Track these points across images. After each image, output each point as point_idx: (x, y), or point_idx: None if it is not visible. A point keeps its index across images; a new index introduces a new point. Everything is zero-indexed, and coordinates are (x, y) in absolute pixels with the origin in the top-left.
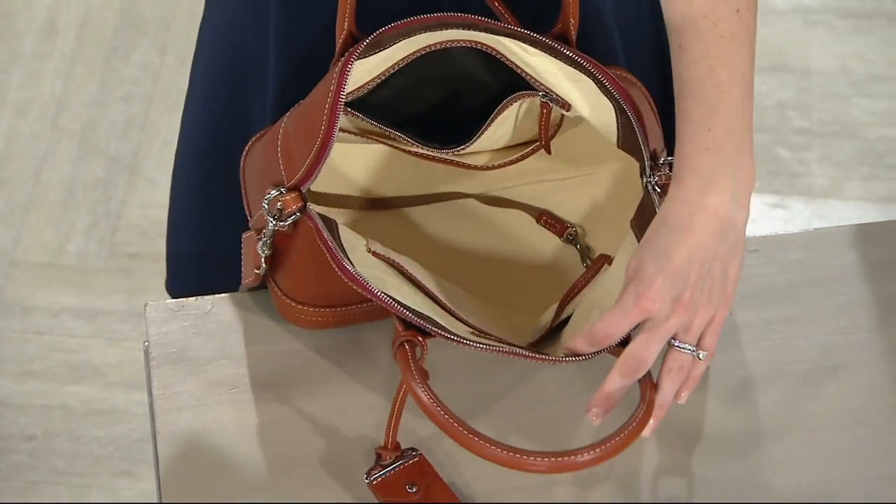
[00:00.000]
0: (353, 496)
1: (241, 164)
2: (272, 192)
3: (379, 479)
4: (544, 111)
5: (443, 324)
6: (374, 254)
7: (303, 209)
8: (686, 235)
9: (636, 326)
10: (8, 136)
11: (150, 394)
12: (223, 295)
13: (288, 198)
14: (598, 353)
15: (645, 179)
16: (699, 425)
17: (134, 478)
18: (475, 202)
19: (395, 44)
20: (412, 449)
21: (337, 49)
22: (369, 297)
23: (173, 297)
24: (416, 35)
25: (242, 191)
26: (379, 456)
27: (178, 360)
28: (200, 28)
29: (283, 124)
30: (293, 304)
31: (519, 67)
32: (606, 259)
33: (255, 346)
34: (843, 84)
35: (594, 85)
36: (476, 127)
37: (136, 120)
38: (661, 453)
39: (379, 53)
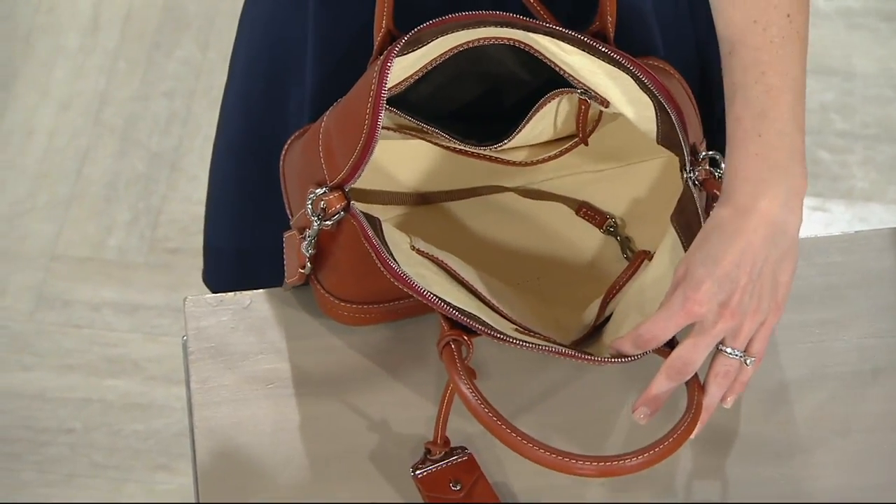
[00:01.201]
0: (390, 494)
1: (281, 162)
2: (316, 191)
3: (425, 474)
4: (582, 107)
5: (488, 322)
6: (419, 251)
7: (347, 208)
8: (736, 240)
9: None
10: (51, 130)
11: (188, 388)
12: (262, 290)
13: (331, 197)
14: (643, 354)
15: (685, 174)
16: (736, 427)
17: (171, 472)
18: (514, 195)
19: (433, 41)
20: (462, 447)
21: (375, 47)
22: (415, 295)
23: (210, 289)
24: (453, 32)
25: (283, 189)
26: (428, 451)
27: (216, 354)
28: (240, 22)
29: (323, 123)
30: (337, 301)
31: (556, 65)
32: (647, 255)
33: (294, 342)
34: (886, 87)
35: (633, 81)
36: (514, 124)
37: (178, 116)
38: (697, 454)
39: (417, 50)
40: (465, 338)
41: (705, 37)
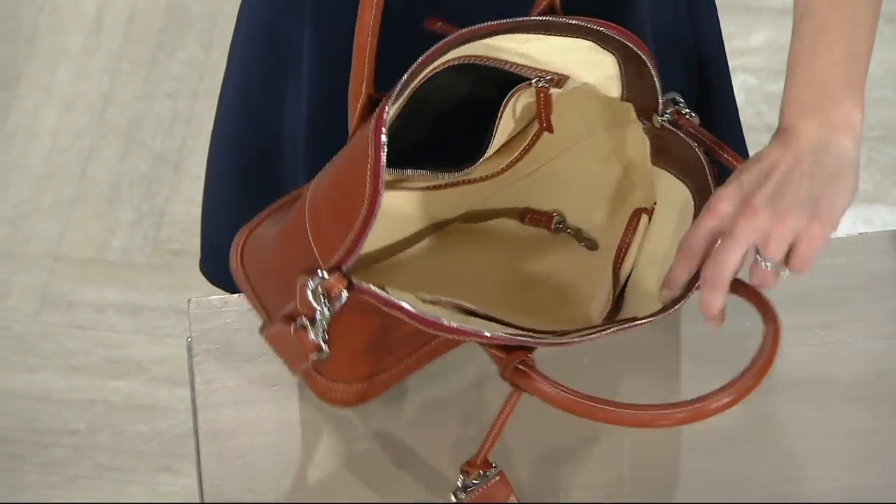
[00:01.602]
0: (393, 495)
1: (237, 263)
2: (317, 276)
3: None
4: (542, 96)
5: (531, 335)
6: (429, 302)
7: (349, 287)
8: (771, 150)
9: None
10: (54, 131)
11: (192, 389)
12: None
13: (331, 280)
14: (692, 287)
15: (660, 118)
16: (737, 428)
17: (175, 473)
18: (458, 225)
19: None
20: (492, 465)
21: (355, 113)
22: (465, 337)
23: (206, 277)
24: (422, 72)
25: (246, 289)
26: (466, 473)
27: (220, 356)
28: (238, 14)
29: (307, 209)
30: (341, 385)
31: (509, 63)
32: (643, 211)
33: None
34: (889, 89)
35: (590, 46)
36: (480, 140)
37: (182, 116)
38: (698, 456)
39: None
40: (529, 355)
41: (703, 39)
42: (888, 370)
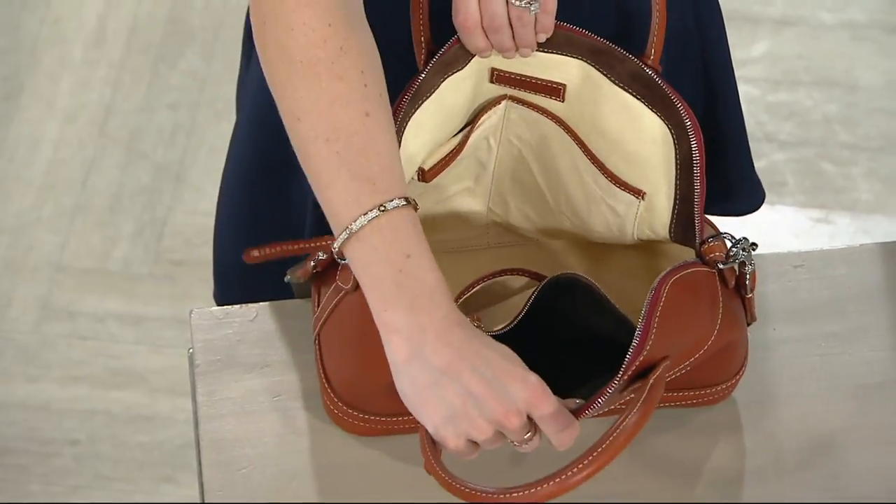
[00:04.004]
0: None
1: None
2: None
3: None
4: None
5: None
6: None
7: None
8: None
9: None
10: (56, 142)
11: (194, 400)
12: (268, 302)
13: None
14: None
15: None
16: (741, 439)
17: (176, 484)
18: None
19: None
20: None
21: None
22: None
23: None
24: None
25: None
26: None
27: (222, 367)
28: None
29: None
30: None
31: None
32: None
33: (300, 355)
34: (890, 99)
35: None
36: None
37: (183, 127)
38: (702, 465)
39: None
40: None
41: (713, 53)
42: (890, 381)
